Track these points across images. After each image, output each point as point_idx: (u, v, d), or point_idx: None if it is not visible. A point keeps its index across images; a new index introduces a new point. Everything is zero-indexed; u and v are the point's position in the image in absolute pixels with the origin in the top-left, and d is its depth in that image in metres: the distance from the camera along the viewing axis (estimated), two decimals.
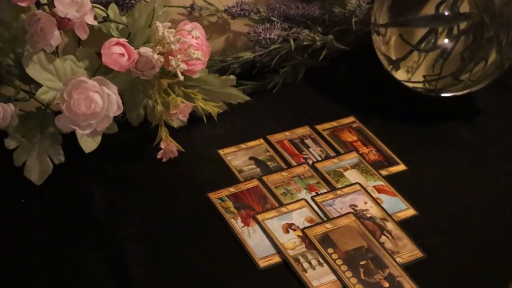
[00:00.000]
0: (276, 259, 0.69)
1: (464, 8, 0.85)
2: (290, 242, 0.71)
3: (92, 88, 0.65)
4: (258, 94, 0.92)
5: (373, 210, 0.75)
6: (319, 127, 0.88)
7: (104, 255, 0.69)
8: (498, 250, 0.72)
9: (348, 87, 0.97)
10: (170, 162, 0.79)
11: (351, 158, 0.83)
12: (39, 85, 0.69)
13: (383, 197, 0.78)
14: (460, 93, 0.88)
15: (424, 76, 0.88)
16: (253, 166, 0.81)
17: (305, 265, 0.68)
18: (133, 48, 0.68)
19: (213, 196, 0.76)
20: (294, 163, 0.82)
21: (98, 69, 0.71)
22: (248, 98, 0.83)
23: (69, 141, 0.73)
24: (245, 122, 0.88)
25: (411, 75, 0.89)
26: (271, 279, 0.67)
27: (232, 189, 0.77)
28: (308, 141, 0.86)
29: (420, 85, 0.89)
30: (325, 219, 0.74)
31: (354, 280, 0.67)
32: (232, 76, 0.80)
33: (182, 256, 0.69)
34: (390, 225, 0.73)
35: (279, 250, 0.70)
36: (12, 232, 0.71)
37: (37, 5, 0.69)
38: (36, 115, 0.74)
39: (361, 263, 0.68)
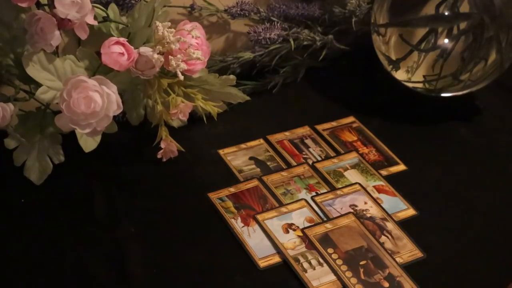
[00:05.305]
0: (276, 259, 0.69)
1: (464, 8, 0.85)
2: (290, 242, 0.71)
3: (92, 88, 0.65)
4: (258, 94, 0.92)
5: (373, 210, 0.75)
6: (319, 127, 0.88)
7: (104, 255, 0.69)
8: (498, 250, 0.72)
9: (348, 87, 0.97)
10: (170, 162, 0.79)
11: (351, 158, 0.83)
12: (39, 85, 0.69)
13: (383, 197, 0.78)
14: (460, 93, 0.88)
15: (424, 76, 0.88)
16: (253, 166, 0.81)
17: (305, 265, 0.68)
18: (132, 47, 0.68)
19: (213, 196, 0.76)
20: (294, 163, 0.82)
21: (98, 69, 0.71)
22: (248, 98, 0.83)
23: (69, 141, 0.73)
24: (245, 122, 0.88)
25: (411, 75, 0.89)
26: (271, 279, 0.67)
27: (232, 189, 0.77)
28: (308, 141, 0.86)
29: (420, 85, 0.89)
30: (325, 219, 0.74)
31: (354, 280, 0.67)
32: (232, 76, 0.79)
33: (182, 256, 0.69)
34: (390, 225, 0.73)
35: (279, 250, 0.70)
36: (12, 232, 0.71)
37: (37, 5, 0.69)
38: (36, 115, 0.74)
39: (361, 263, 0.68)
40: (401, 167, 0.83)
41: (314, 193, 0.77)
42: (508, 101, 0.96)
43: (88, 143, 0.73)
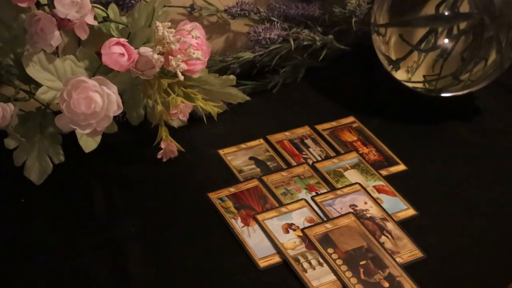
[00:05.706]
0: (276, 259, 0.69)
1: (464, 8, 0.85)
2: (290, 242, 0.71)
3: (92, 88, 0.65)
4: (258, 94, 0.92)
5: (373, 210, 0.75)
6: (319, 127, 0.88)
7: (104, 255, 0.69)
8: (498, 250, 0.72)
9: (348, 87, 0.97)
10: (170, 162, 0.79)
11: (351, 158, 0.83)
12: (39, 85, 0.69)
13: (383, 197, 0.78)
14: (460, 93, 0.88)
15: (424, 76, 0.88)
16: (253, 166, 0.81)
17: (305, 265, 0.68)
18: (133, 48, 0.68)
19: (213, 196, 0.76)
20: (294, 163, 0.82)
21: (98, 69, 0.71)
22: (248, 98, 0.83)
23: (69, 141, 0.73)
24: (245, 122, 0.88)
25: (411, 75, 0.89)
26: (271, 279, 0.67)
27: (232, 189, 0.77)
28: (308, 141, 0.86)
29: (420, 85, 0.89)
30: (325, 219, 0.74)
31: (354, 280, 0.67)
32: (232, 76, 0.79)
33: (182, 256, 0.69)
34: (390, 225, 0.73)
35: (279, 250, 0.70)
36: (11, 232, 0.71)
37: (37, 5, 0.69)
38: (36, 115, 0.74)
39: (361, 263, 0.68)
40: (401, 167, 0.83)
41: (314, 193, 0.77)
42: (508, 101, 0.96)
43: (88, 143, 0.73)
